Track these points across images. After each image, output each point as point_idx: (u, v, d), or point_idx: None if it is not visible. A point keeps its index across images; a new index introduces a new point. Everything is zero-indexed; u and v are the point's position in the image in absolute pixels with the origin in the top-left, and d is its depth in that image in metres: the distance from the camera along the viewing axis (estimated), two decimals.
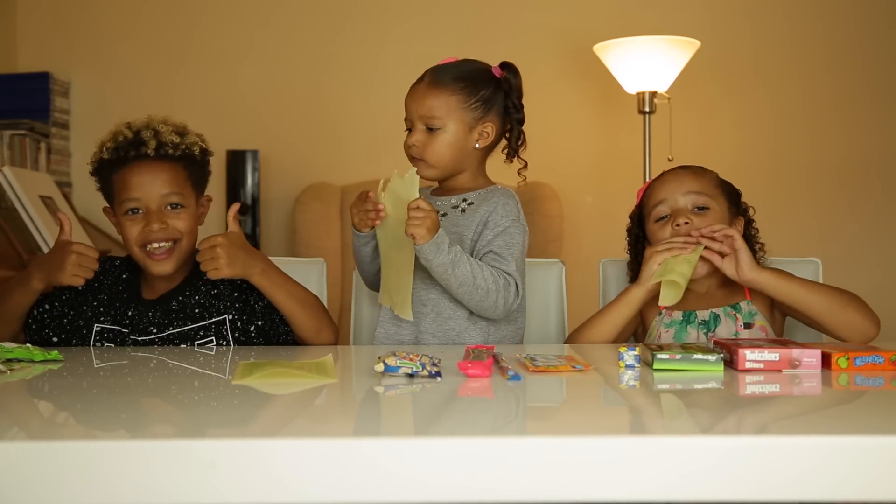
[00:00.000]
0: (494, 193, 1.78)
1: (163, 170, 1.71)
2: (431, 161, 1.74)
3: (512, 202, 1.77)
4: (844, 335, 1.63)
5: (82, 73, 3.72)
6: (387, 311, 1.78)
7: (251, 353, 1.57)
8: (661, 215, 1.79)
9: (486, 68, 1.79)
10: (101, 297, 1.75)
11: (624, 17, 3.61)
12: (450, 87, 1.74)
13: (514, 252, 1.72)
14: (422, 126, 1.74)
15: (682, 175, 1.81)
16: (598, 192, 3.70)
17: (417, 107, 1.74)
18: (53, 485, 0.87)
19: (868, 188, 3.59)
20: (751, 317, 1.72)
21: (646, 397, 1.22)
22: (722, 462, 0.89)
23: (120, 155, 1.70)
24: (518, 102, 1.80)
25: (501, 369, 1.30)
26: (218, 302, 1.73)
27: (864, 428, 1.00)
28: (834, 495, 0.89)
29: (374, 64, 3.70)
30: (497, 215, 1.74)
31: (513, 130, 1.81)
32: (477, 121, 1.75)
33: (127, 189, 1.70)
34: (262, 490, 0.87)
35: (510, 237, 1.72)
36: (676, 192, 1.78)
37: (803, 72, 3.62)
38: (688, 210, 1.76)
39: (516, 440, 0.92)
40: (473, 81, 1.75)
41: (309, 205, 3.45)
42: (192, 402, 1.20)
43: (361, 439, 0.93)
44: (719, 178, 1.83)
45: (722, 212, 1.77)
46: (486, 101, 1.76)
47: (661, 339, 1.75)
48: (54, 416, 1.09)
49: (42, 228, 2.53)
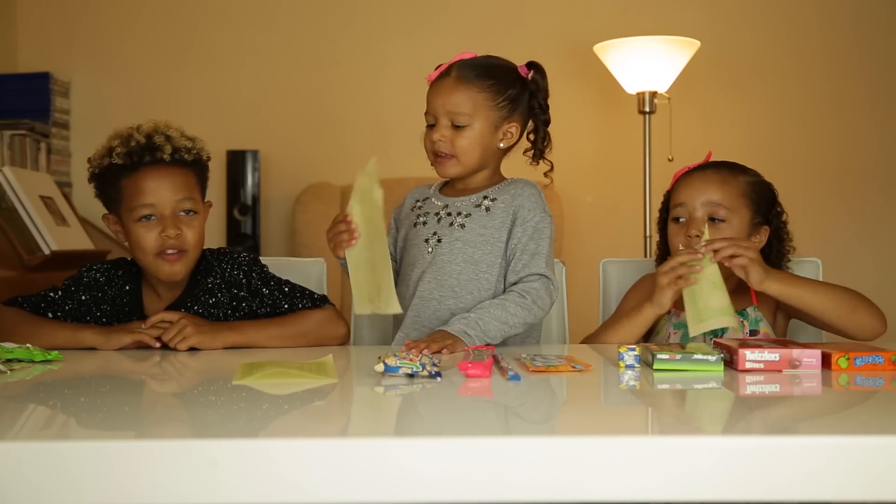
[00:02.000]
0: (515, 185, 1.75)
1: (177, 175, 1.68)
2: (461, 158, 1.71)
3: (536, 192, 1.74)
4: (854, 336, 1.64)
5: (82, 73, 3.72)
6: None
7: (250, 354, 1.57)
8: (678, 217, 1.76)
9: (513, 66, 1.76)
10: (104, 307, 1.73)
11: (624, 18, 3.61)
12: (477, 83, 1.70)
13: (544, 249, 1.70)
14: (447, 122, 1.70)
15: (707, 180, 1.75)
16: (598, 192, 3.70)
17: (444, 102, 1.69)
18: (54, 485, 0.87)
19: (867, 188, 3.59)
20: (756, 323, 1.72)
21: (646, 397, 1.22)
22: (722, 462, 0.89)
23: (133, 160, 1.65)
24: (544, 103, 1.77)
25: (501, 369, 1.30)
26: (216, 310, 1.72)
27: (864, 428, 1.00)
28: (834, 495, 0.89)
29: (375, 64, 3.71)
30: (525, 210, 1.71)
31: (538, 131, 1.78)
32: (503, 120, 1.72)
33: (141, 195, 1.65)
34: (262, 490, 0.87)
35: (540, 233, 1.71)
36: (696, 199, 1.73)
37: (803, 72, 3.62)
38: (703, 221, 1.71)
39: (516, 440, 0.92)
40: (501, 79, 1.72)
41: (309, 205, 3.45)
42: (192, 402, 1.20)
43: (361, 439, 0.93)
44: (749, 184, 1.76)
45: (741, 225, 1.73)
46: (513, 101, 1.72)
47: (670, 340, 1.75)
48: (54, 416, 1.09)
49: (42, 228, 2.53)
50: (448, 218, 1.75)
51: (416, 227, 1.79)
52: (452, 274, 1.72)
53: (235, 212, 3.54)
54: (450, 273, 1.72)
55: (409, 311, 1.75)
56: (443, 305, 1.72)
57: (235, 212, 3.54)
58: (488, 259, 1.72)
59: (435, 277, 1.73)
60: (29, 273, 2.41)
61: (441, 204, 1.79)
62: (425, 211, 1.80)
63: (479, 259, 1.71)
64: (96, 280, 1.74)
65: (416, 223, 1.80)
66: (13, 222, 2.52)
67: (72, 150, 3.66)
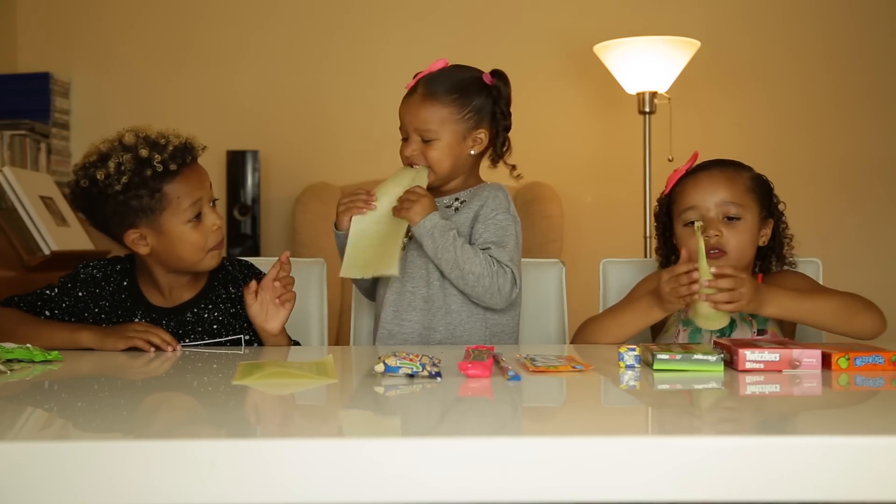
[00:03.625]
0: (484, 189, 1.84)
1: (203, 169, 1.71)
2: (434, 168, 1.79)
3: (501, 194, 1.82)
4: (856, 337, 1.66)
5: (82, 73, 3.72)
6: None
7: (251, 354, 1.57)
8: (691, 220, 1.73)
9: (478, 76, 1.83)
10: (103, 303, 1.71)
11: (624, 18, 3.61)
12: (442, 99, 1.78)
13: (506, 242, 1.76)
14: (417, 137, 1.79)
15: (715, 180, 1.75)
16: (599, 192, 3.70)
17: (412, 119, 1.79)
18: (54, 485, 0.87)
19: (868, 188, 3.59)
20: (764, 323, 1.72)
21: (646, 398, 1.22)
22: (722, 462, 0.89)
23: (178, 164, 1.63)
24: (506, 110, 1.84)
25: (501, 370, 1.30)
26: (236, 322, 1.72)
27: (864, 428, 1.00)
28: (834, 495, 0.89)
29: (374, 64, 3.71)
30: (487, 208, 1.79)
31: (498, 137, 1.85)
32: (470, 130, 1.81)
33: (189, 195, 1.64)
34: (262, 490, 0.87)
35: (502, 228, 1.77)
36: (708, 200, 1.72)
37: (803, 72, 3.62)
38: (718, 221, 1.71)
39: (516, 440, 0.92)
40: (465, 92, 1.80)
41: (309, 205, 3.45)
42: (192, 402, 1.20)
43: (361, 439, 0.92)
44: (752, 179, 1.77)
45: (753, 220, 1.73)
46: (478, 111, 1.81)
47: (679, 338, 1.75)
48: (54, 416, 1.09)
49: (42, 228, 2.53)
50: None
51: None
52: (422, 266, 1.79)
53: (235, 212, 3.54)
54: (419, 266, 1.80)
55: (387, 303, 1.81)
56: (416, 296, 1.79)
57: (235, 212, 3.54)
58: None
59: (408, 271, 1.80)
60: (29, 273, 2.41)
61: None
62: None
63: None
64: (93, 276, 1.73)
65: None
66: (13, 222, 2.52)
67: (72, 150, 3.66)
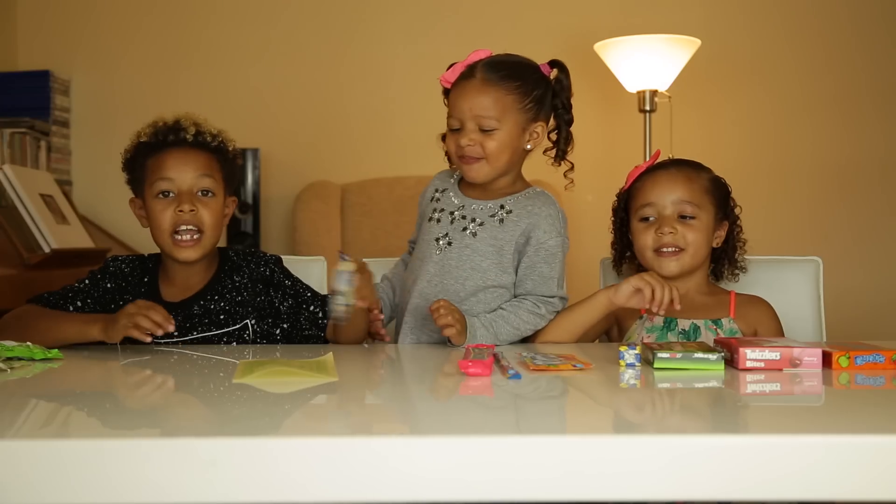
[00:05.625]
0: (535, 201, 1.72)
1: (198, 155, 1.72)
2: (491, 161, 1.67)
3: (554, 211, 1.72)
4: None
5: (82, 71, 3.71)
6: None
7: (250, 352, 1.57)
8: (647, 216, 1.77)
9: (536, 65, 1.73)
10: (127, 297, 1.72)
11: (624, 16, 3.60)
12: (504, 85, 1.66)
13: (556, 272, 1.70)
14: (474, 126, 1.66)
15: (674, 179, 1.77)
16: (599, 191, 3.67)
17: (470, 105, 1.65)
18: (54, 483, 0.87)
19: (868, 187, 3.59)
20: (731, 334, 1.71)
21: (646, 396, 1.22)
22: (722, 461, 0.89)
23: (158, 139, 1.72)
24: (568, 102, 1.75)
25: (502, 368, 1.30)
26: (241, 308, 1.72)
27: (864, 427, 1.00)
28: (834, 494, 0.89)
29: (375, 62, 3.70)
30: (540, 231, 1.69)
31: (561, 131, 1.76)
32: (529, 122, 1.70)
33: (161, 170, 1.69)
34: (262, 489, 0.87)
35: (553, 257, 1.70)
36: (665, 198, 1.76)
37: (804, 70, 3.62)
38: (674, 219, 1.74)
39: (516, 440, 0.92)
40: (527, 80, 1.69)
41: (310, 203, 3.45)
42: (192, 400, 1.20)
43: (361, 438, 0.92)
44: (710, 181, 1.79)
45: (708, 221, 1.76)
46: (539, 102, 1.70)
47: None
48: (54, 414, 1.09)
49: (42, 227, 2.53)
50: (461, 222, 1.73)
51: (430, 222, 1.77)
52: (458, 279, 1.71)
53: (236, 210, 3.54)
54: (456, 278, 1.71)
55: (409, 308, 1.74)
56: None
57: (236, 210, 3.54)
58: (496, 269, 1.70)
59: (441, 280, 1.72)
60: (29, 271, 2.41)
61: (457, 203, 1.76)
62: (441, 206, 1.78)
63: (486, 268, 1.70)
64: (121, 270, 1.76)
65: (430, 217, 1.78)
66: (13, 221, 2.52)
67: (72, 148, 3.65)
